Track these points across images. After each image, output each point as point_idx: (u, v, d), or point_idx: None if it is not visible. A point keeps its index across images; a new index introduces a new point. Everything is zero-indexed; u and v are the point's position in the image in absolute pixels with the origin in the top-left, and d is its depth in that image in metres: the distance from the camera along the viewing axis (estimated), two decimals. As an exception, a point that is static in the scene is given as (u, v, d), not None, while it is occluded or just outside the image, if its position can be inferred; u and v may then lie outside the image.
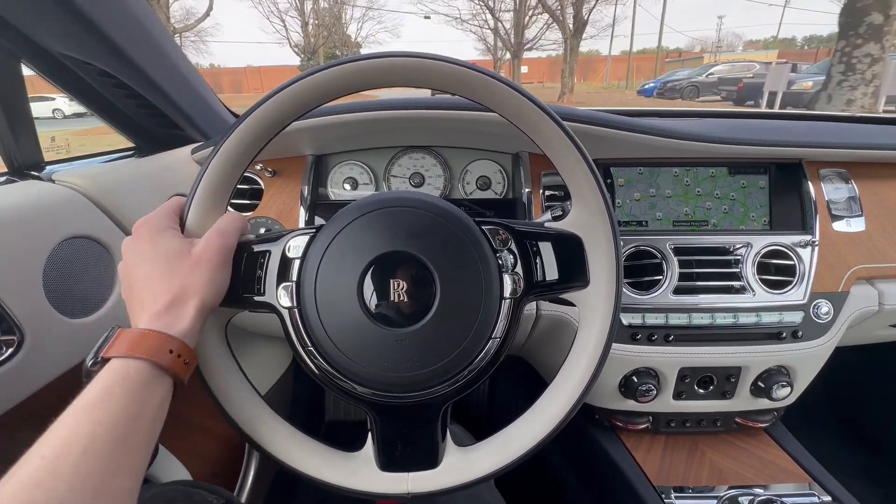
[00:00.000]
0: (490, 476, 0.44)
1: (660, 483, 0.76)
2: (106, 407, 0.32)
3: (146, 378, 0.34)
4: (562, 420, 0.44)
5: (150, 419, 0.34)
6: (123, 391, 0.33)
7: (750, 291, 0.77)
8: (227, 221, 0.42)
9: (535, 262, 0.44)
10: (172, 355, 0.36)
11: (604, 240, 0.44)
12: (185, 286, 0.38)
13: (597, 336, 0.44)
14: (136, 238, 0.40)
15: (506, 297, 0.42)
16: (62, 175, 0.66)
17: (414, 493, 0.44)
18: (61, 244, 0.59)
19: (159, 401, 0.35)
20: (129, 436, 0.32)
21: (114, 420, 0.32)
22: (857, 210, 0.83)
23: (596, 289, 0.44)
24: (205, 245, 0.40)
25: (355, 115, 0.73)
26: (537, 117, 0.41)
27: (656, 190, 0.85)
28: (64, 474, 0.28)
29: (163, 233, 0.40)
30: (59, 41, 0.60)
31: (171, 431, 0.84)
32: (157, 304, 0.37)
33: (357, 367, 0.41)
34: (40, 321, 0.55)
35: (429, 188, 0.88)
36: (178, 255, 0.39)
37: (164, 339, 0.36)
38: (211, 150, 0.41)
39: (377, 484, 0.44)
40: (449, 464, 0.45)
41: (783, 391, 0.77)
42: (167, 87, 0.72)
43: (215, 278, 0.40)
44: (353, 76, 0.39)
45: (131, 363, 0.34)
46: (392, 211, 0.42)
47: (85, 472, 0.29)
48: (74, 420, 0.31)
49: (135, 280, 0.39)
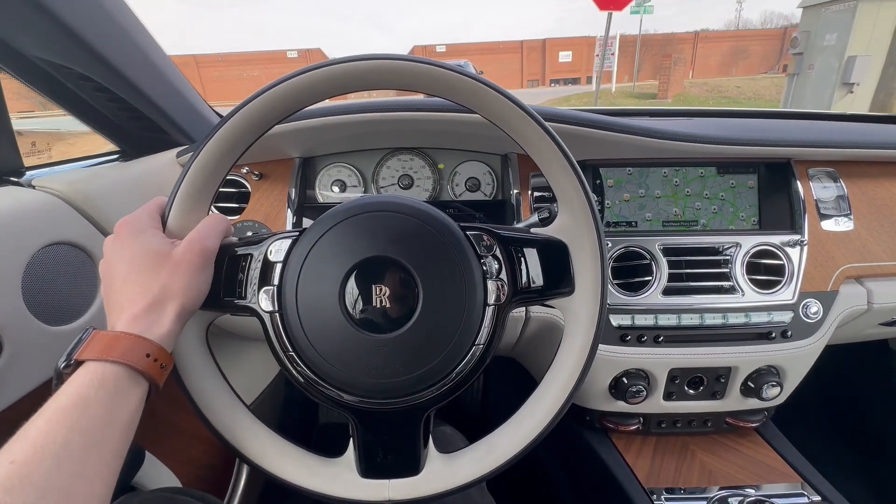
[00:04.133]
0: (472, 484, 0.44)
1: (650, 485, 0.76)
2: (81, 412, 0.31)
3: (122, 383, 0.34)
4: (543, 429, 0.43)
5: (125, 424, 0.34)
6: (99, 396, 0.32)
7: (739, 291, 0.77)
8: (210, 224, 0.41)
9: (520, 268, 0.43)
10: (149, 359, 0.35)
11: (589, 246, 0.43)
12: (165, 288, 0.37)
13: (581, 343, 0.44)
14: (116, 237, 0.40)
15: (490, 303, 0.42)
16: (43, 180, 0.65)
17: (395, 501, 0.43)
18: (42, 250, 0.58)
19: (135, 406, 0.35)
20: (103, 442, 0.32)
21: (89, 426, 0.31)
22: (846, 209, 0.83)
23: (581, 296, 0.44)
24: (186, 247, 0.39)
25: (342, 118, 0.72)
26: (521, 121, 0.40)
27: (645, 190, 0.85)
28: (36, 480, 0.28)
29: (143, 233, 0.39)
30: (35, 45, 0.59)
31: (159, 437, 0.84)
32: (135, 307, 0.37)
33: (338, 373, 0.40)
34: (19, 329, 0.54)
35: (418, 190, 0.88)
36: (158, 257, 0.38)
37: (142, 343, 0.35)
38: (194, 151, 0.41)
39: (357, 491, 0.43)
40: (431, 471, 0.44)
41: (773, 391, 0.77)
42: (149, 91, 0.71)
43: (196, 281, 0.39)
44: (327, 81, 0.39)
45: (107, 367, 0.33)
46: (375, 215, 0.41)
47: (58, 478, 0.28)
48: (48, 425, 0.30)
49: (114, 280, 0.39)
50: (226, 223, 0.43)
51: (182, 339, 0.41)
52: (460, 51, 28.46)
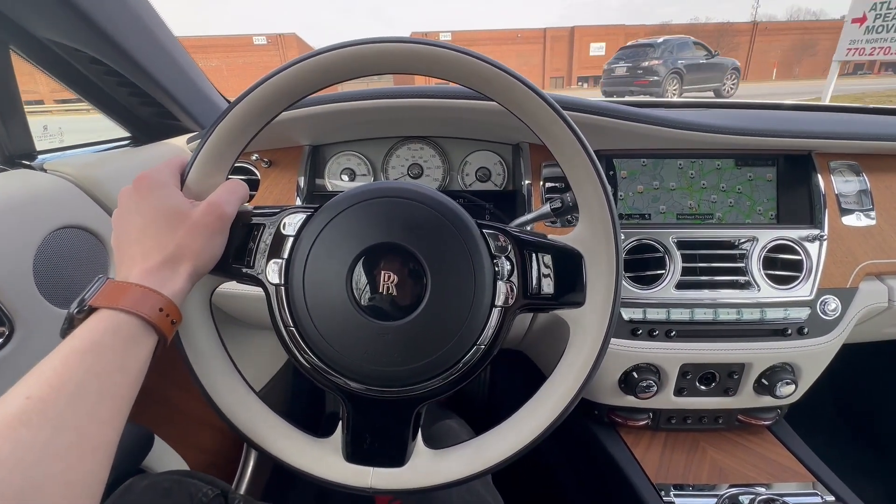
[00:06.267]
0: (456, 483, 0.43)
1: (659, 480, 0.75)
2: (96, 357, 0.31)
3: (135, 333, 0.34)
4: (536, 437, 0.43)
5: (136, 373, 0.34)
6: (113, 343, 0.33)
7: (755, 287, 0.75)
8: (230, 188, 0.41)
9: (533, 273, 0.42)
10: (162, 314, 0.35)
11: (605, 262, 0.42)
12: (180, 247, 0.37)
13: (584, 358, 0.43)
14: (136, 190, 0.39)
15: (497, 305, 0.41)
16: (54, 164, 0.65)
17: (376, 489, 0.43)
18: (53, 234, 0.59)
19: (145, 356, 0.35)
20: (115, 388, 0.32)
21: (103, 371, 0.31)
22: (868, 204, 0.80)
23: (591, 310, 0.43)
24: (206, 209, 0.39)
25: (352, 104, 0.71)
26: (549, 120, 0.39)
27: (660, 182, 0.83)
28: (52, 417, 0.28)
29: (163, 188, 0.39)
30: (47, 27, 0.59)
31: (168, 422, 0.85)
32: (149, 261, 0.37)
33: (336, 354, 0.40)
34: (31, 311, 0.55)
35: (427, 179, 0.87)
36: (176, 215, 0.38)
37: (155, 297, 0.35)
38: (222, 112, 0.40)
39: (340, 474, 0.43)
40: (415, 464, 0.44)
41: (787, 389, 0.75)
42: (160, 76, 0.71)
43: (211, 244, 0.39)
44: (343, 62, 0.38)
45: (121, 316, 0.34)
46: (394, 201, 0.41)
47: (73, 417, 0.29)
48: (64, 365, 0.30)
49: (129, 232, 0.38)
50: (244, 189, 0.43)
51: (186, 300, 0.41)
52: (468, 39, 24.92)
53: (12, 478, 0.25)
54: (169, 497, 0.50)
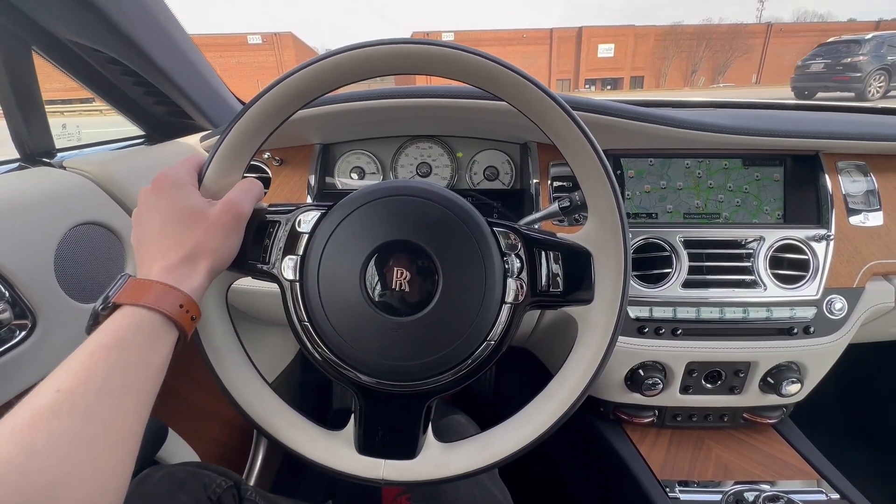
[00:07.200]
0: (464, 476, 0.44)
1: (664, 477, 0.76)
2: (120, 352, 0.33)
3: (157, 328, 0.35)
4: (544, 432, 0.43)
5: (158, 367, 0.35)
6: (136, 339, 0.34)
7: (761, 286, 0.76)
8: (246, 187, 0.42)
9: (542, 270, 0.43)
10: (182, 310, 0.36)
11: (614, 261, 0.43)
12: (199, 245, 0.39)
13: (592, 355, 0.43)
14: (155, 189, 0.40)
15: (507, 301, 0.42)
16: (73, 162, 0.66)
17: (388, 481, 0.44)
18: (72, 230, 0.60)
19: (166, 351, 0.36)
20: (138, 382, 0.33)
21: (127, 365, 0.32)
22: (876, 204, 0.80)
23: (599, 307, 0.43)
24: (223, 208, 0.40)
25: (363, 104, 0.72)
26: (559, 120, 0.40)
27: (667, 182, 0.83)
28: (81, 409, 0.29)
29: (182, 188, 0.40)
30: (68, 27, 0.60)
31: (181, 416, 0.86)
32: (169, 259, 0.38)
33: (349, 349, 0.41)
34: (52, 305, 0.56)
35: (436, 178, 0.88)
36: (195, 214, 0.39)
37: (175, 294, 0.36)
38: (238, 112, 0.41)
39: (353, 465, 0.44)
40: (426, 457, 0.45)
41: (793, 388, 0.76)
42: (175, 76, 0.73)
43: (228, 243, 0.40)
44: (357, 63, 0.39)
45: (143, 312, 0.35)
46: (407, 199, 0.41)
47: (101, 410, 0.30)
48: (91, 360, 0.31)
49: (149, 230, 0.39)
50: (259, 188, 0.44)
51: (204, 297, 0.42)
52: (472, 39, 24.62)
53: (47, 467, 0.27)
54: (184, 488, 0.52)
